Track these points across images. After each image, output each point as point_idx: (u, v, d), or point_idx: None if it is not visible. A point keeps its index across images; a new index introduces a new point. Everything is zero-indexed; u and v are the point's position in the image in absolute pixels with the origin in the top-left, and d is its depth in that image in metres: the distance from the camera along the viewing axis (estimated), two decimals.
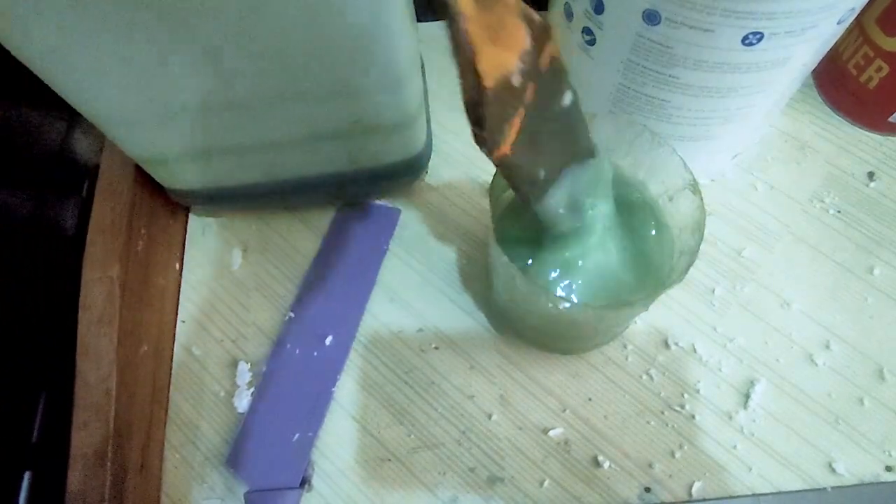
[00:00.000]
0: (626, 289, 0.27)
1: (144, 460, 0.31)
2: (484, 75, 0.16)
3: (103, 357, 0.29)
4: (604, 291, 0.27)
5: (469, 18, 0.15)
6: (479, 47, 0.16)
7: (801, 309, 0.34)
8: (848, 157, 0.38)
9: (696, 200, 0.25)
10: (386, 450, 0.32)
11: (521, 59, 0.18)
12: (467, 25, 0.15)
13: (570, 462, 0.31)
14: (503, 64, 0.17)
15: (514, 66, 0.17)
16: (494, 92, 0.17)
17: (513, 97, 0.18)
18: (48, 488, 0.32)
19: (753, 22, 0.25)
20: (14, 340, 0.34)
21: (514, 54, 0.17)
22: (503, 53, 0.17)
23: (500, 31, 0.17)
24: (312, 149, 0.32)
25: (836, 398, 0.32)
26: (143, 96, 0.26)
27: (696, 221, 0.25)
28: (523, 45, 0.18)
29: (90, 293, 0.30)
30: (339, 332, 0.34)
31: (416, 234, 0.37)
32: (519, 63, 0.18)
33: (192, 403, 0.34)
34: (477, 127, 0.18)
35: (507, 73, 0.17)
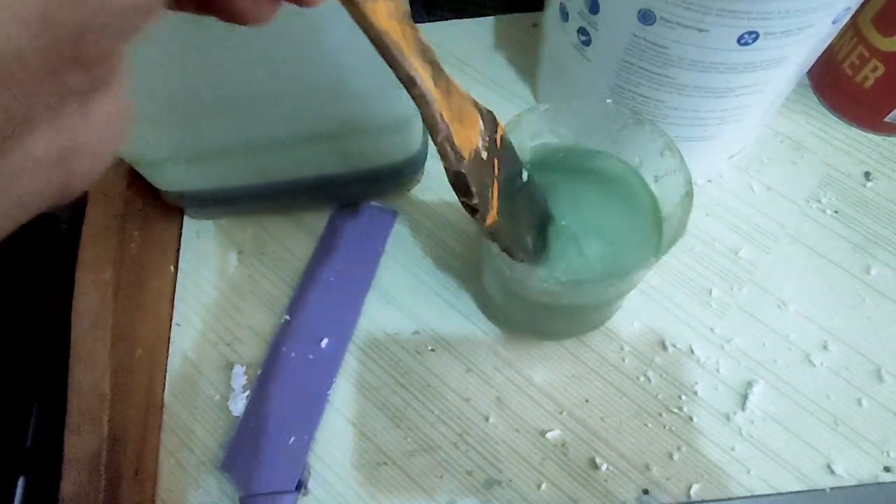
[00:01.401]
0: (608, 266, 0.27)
1: (139, 465, 0.31)
2: (461, 149, 0.19)
3: (97, 361, 0.29)
4: (586, 269, 0.27)
5: (439, 102, 0.18)
6: (453, 126, 0.18)
7: (798, 310, 0.34)
8: (844, 158, 0.38)
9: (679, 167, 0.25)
10: (382, 453, 0.32)
11: (481, 136, 0.20)
12: (439, 108, 0.18)
13: (567, 464, 0.31)
14: (470, 140, 0.19)
15: (478, 143, 0.20)
16: (471, 164, 0.19)
17: (485, 168, 0.20)
18: (42, 493, 0.32)
19: (749, 21, 0.25)
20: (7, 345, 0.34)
21: (475, 133, 0.20)
22: (468, 132, 0.19)
23: (462, 114, 0.19)
24: (307, 151, 0.32)
25: (835, 399, 0.32)
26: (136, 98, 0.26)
27: (682, 195, 0.25)
28: (480, 127, 0.20)
29: (83, 297, 0.30)
30: (335, 335, 0.34)
31: (411, 236, 0.37)
32: (480, 140, 0.20)
33: (187, 407, 0.33)
34: (466, 197, 0.20)
35: (476, 149, 0.20)
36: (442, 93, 0.18)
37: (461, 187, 0.19)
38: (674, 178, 0.26)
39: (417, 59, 0.17)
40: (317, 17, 0.24)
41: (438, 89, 0.18)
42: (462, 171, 0.19)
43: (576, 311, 0.30)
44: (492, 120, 0.21)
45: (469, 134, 0.19)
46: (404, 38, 0.16)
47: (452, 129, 0.18)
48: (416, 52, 0.17)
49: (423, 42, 0.17)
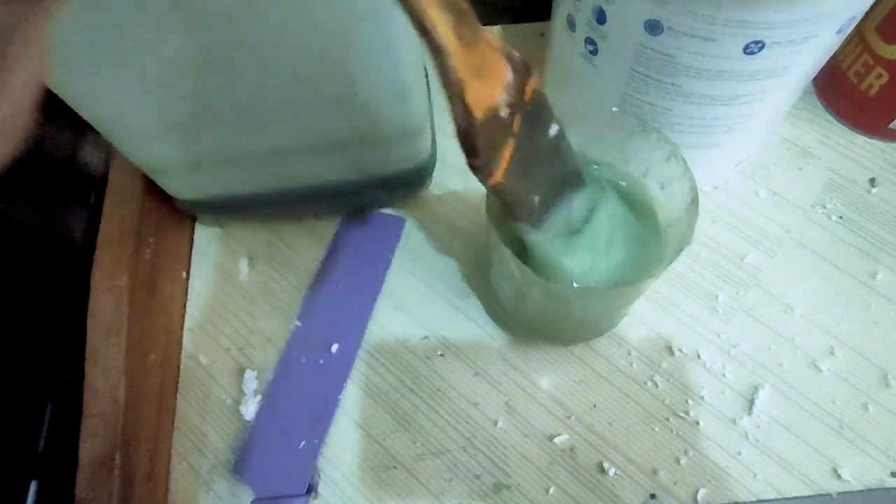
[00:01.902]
0: (618, 272, 0.27)
1: (152, 468, 0.31)
2: (473, 107, 0.18)
3: (112, 366, 0.30)
4: (594, 276, 0.27)
5: (455, 55, 0.16)
6: (467, 81, 0.17)
7: (804, 315, 0.34)
8: (849, 164, 0.39)
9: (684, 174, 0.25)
10: (392, 457, 0.32)
11: (506, 91, 0.19)
12: (453, 62, 0.16)
13: (575, 469, 0.32)
14: (489, 96, 0.18)
15: (499, 99, 0.19)
16: (483, 122, 0.18)
17: (501, 127, 0.19)
18: (54, 497, 0.32)
19: (754, 31, 0.25)
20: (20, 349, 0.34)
21: (498, 88, 0.19)
22: (488, 87, 0.18)
23: (484, 67, 0.18)
24: (318, 158, 0.32)
25: (841, 404, 0.32)
26: (151, 107, 0.27)
27: (688, 202, 0.25)
28: (506, 80, 0.19)
29: (99, 303, 0.30)
30: (345, 341, 0.34)
31: (420, 242, 0.37)
32: (504, 96, 0.19)
33: (199, 411, 0.34)
34: (471, 155, 0.19)
35: (494, 105, 0.19)
36: (463, 44, 0.17)
37: (467, 147, 0.19)
38: (679, 185, 0.26)
39: (436, 8, 0.15)
40: (331, 28, 0.24)
41: (460, 41, 0.16)
42: (469, 131, 0.18)
43: (583, 317, 0.30)
44: (524, 71, 0.20)
45: (490, 89, 0.18)
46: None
47: (468, 84, 0.17)
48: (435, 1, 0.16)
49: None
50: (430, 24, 0.15)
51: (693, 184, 0.26)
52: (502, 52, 0.19)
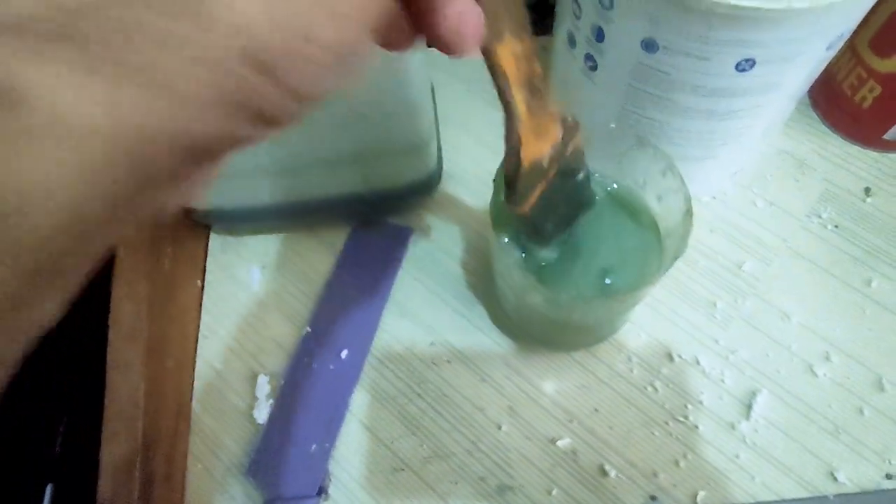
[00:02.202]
0: (615, 283, 0.29)
1: (169, 470, 0.33)
2: (524, 159, 0.22)
3: (132, 371, 0.31)
4: (594, 286, 0.28)
5: (522, 121, 0.20)
6: (526, 141, 0.21)
7: (800, 321, 0.35)
8: (845, 174, 0.40)
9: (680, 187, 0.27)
10: (399, 460, 0.33)
11: (553, 147, 0.23)
12: (519, 125, 0.20)
13: (577, 471, 0.32)
14: (540, 151, 0.22)
15: (546, 154, 0.23)
16: (527, 171, 0.22)
17: (539, 174, 0.23)
18: (71, 500, 0.33)
19: (745, 49, 0.26)
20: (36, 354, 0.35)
21: (548, 145, 0.23)
22: (540, 145, 0.22)
23: (542, 131, 0.22)
24: (329, 172, 0.33)
25: (837, 408, 0.33)
26: None
27: (683, 212, 0.26)
28: (556, 139, 0.23)
29: (119, 310, 0.32)
30: (355, 347, 0.36)
31: (427, 251, 0.39)
32: (550, 151, 0.23)
33: (214, 415, 0.35)
34: (510, 192, 0.23)
35: (540, 158, 0.23)
36: (531, 112, 0.21)
37: (509, 187, 0.23)
38: (675, 197, 0.27)
39: (519, 88, 0.19)
40: None
41: (529, 112, 0.20)
42: (514, 176, 0.22)
43: (584, 323, 0.31)
44: (574, 130, 0.24)
45: (540, 146, 0.22)
46: (517, 70, 0.19)
47: (526, 142, 0.21)
48: (520, 82, 0.19)
49: (535, 72, 0.20)
50: (511, 100, 0.20)
51: (688, 196, 0.27)
52: (560, 117, 0.23)
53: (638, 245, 0.29)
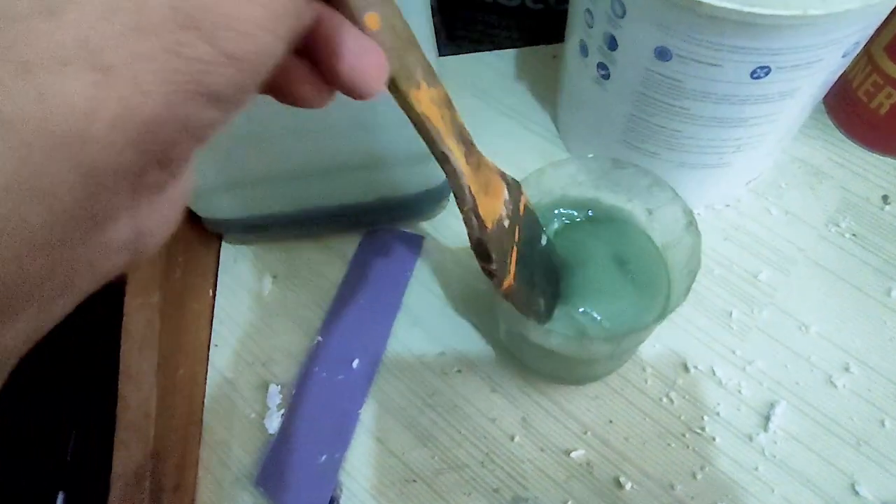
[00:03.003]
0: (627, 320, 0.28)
1: (179, 480, 0.32)
2: (485, 218, 0.21)
3: (144, 380, 0.31)
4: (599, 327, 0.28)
5: (467, 176, 0.20)
6: (478, 198, 0.20)
7: (819, 332, 0.35)
8: (862, 182, 0.39)
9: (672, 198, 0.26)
10: (411, 471, 0.33)
11: (505, 205, 0.22)
12: (467, 182, 0.20)
13: (592, 483, 0.32)
14: (495, 210, 0.21)
15: (502, 212, 0.22)
16: (493, 231, 0.21)
17: (506, 235, 0.22)
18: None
19: (760, 57, 0.26)
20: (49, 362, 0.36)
21: (500, 202, 0.22)
22: (493, 202, 0.21)
23: (489, 186, 0.21)
24: (339, 181, 0.33)
25: (857, 420, 0.32)
26: None
27: (683, 225, 0.26)
28: (504, 196, 0.22)
29: (132, 319, 0.32)
30: (365, 356, 0.35)
31: (438, 260, 0.38)
32: (504, 209, 0.22)
33: (225, 425, 0.35)
34: (485, 262, 0.22)
35: (499, 217, 0.22)
36: (472, 168, 0.20)
37: (482, 254, 0.21)
38: (670, 210, 0.27)
39: (452, 139, 0.19)
40: None
41: (469, 165, 0.20)
42: (483, 239, 0.21)
43: (591, 361, 0.31)
44: (517, 189, 0.23)
45: (494, 203, 0.21)
46: (442, 120, 0.18)
47: (479, 199, 0.20)
48: (451, 133, 0.19)
49: (459, 123, 0.19)
50: (448, 152, 0.19)
51: (686, 207, 0.26)
52: (498, 173, 0.22)
53: (644, 283, 0.29)
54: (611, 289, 0.28)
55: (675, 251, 0.28)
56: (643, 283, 0.29)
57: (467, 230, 0.21)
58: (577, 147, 0.40)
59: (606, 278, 0.28)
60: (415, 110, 0.17)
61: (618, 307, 0.28)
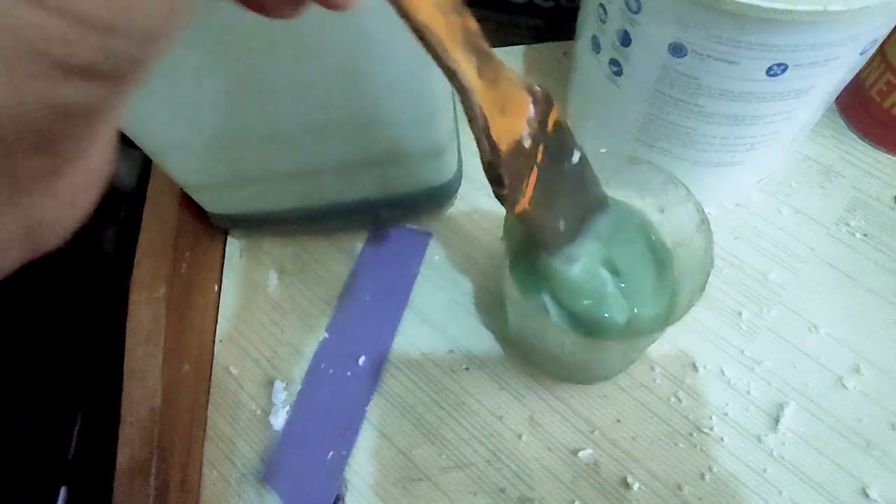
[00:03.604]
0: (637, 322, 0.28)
1: (184, 476, 0.32)
2: (498, 141, 0.19)
3: (149, 376, 0.31)
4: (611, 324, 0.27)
5: (479, 94, 0.17)
6: (491, 117, 0.18)
7: (828, 332, 0.34)
8: (873, 181, 0.39)
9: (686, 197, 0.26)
10: (417, 469, 0.33)
11: (529, 124, 0.20)
12: (478, 100, 0.17)
13: (599, 483, 0.32)
14: (513, 130, 0.19)
15: (522, 131, 0.20)
16: (508, 155, 0.19)
17: (525, 158, 0.20)
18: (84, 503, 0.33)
19: (777, 54, 0.26)
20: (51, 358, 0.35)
21: (521, 121, 0.20)
22: (512, 121, 0.19)
23: (508, 103, 0.19)
24: (347, 177, 0.33)
25: (867, 422, 0.32)
26: (195, 131, 0.28)
27: (696, 224, 0.25)
28: (529, 113, 0.20)
29: (137, 314, 0.31)
30: (372, 353, 0.35)
31: (446, 257, 0.38)
32: (527, 128, 0.20)
33: (230, 421, 0.35)
34: (497, 186, 0.20)
35: (518, 138, 0.20)
36: (487, 82, 0.18)
37: (493, 178, 0.19)
38: (683, 209, 0.27)
39: (460, 51, 0.16)
40: (362, 52, 0.25)
41: (483, 79, 0.17)
42: (494, 163, 0.19)
43: (601, 360, 0.30)
44: (546, 103, 0.21)
45: (513, 122, 0.19)
46: (448, 28, 0.16)
47: (493, 120, 0.18)
48: (459, 43, 0.16)
49: (471, 30, 0.17)
50: (455, 66, 0.16)
51: (699, 206, 0.26)
52: (524, 86, 0.20)
53: (651, 261, 0.28)
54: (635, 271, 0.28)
55: (687, 250, 0.27)
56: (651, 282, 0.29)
57: (479, 151, 0.19)
58: (587, 144, 0.39)
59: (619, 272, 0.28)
60: (414, 18, 0.15)
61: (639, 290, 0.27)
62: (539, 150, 0.21)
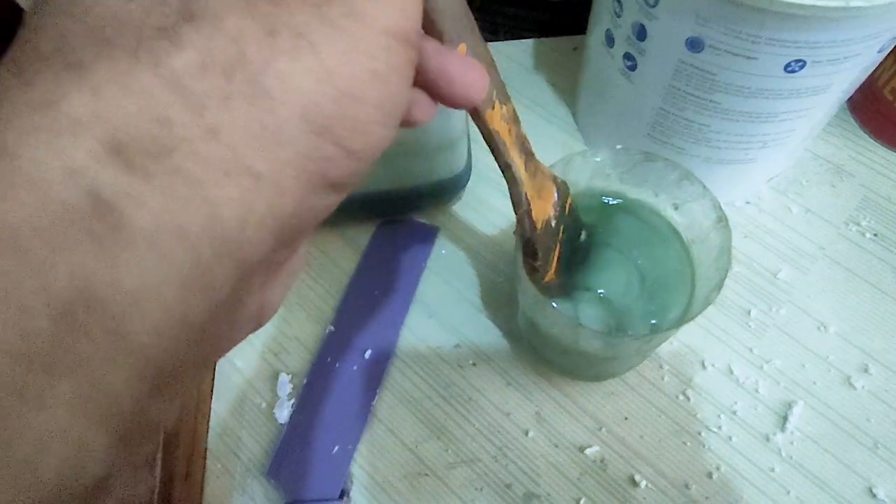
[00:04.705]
0: (650, 319, 0.27)
1: (189, 469, 0.32)
2: (536, 221, 0.22)
3: None
4: (626, 321, 0.27)
5: (525, 184, 0.21)
6: (533, 202, 0.22)
7: (837, 332, 0.34)
8: (884, 181, 0.38)
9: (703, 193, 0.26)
10: (423, 464, 0.33)
11: (554, 207, 0.24)
12: (524, 189, 0.21)
13: (606, 481, 0.32)
14: (545, 211, 0.23)
15: (551, 213, 0.23)
16: (541, 232, 0.23)
17: (551, 234, 0.24)
18: None
19: (797, 50, 0.25)
20: None
21: (550, 205, 0.23)
22: (545, 204, 0.23)
23: (542, 190, 0.22)
24: None
25: (876, 422, 0.32)
26: None
27: (713, 220, 0.25)
28: (554, 198, 0.23)
29: None
30: (379, 347, 0.35)
31: (454, 251, 0.38)
32: (553, 210, 0.23)
33: (235, 414, 0.34)
34: (531, 259, 0.23)
35: (548, 218, 0.23)
36: (530, 175, 0.21)
37: (530, 252, 0.23)
38: (699, 205, 0.27)
39: (516, 150, 0.20)
40: None
41: (527, 172, 0.21)
42: (533, 240, 0.22)
43: (612, 358, 0.30)
44: (565, 191, 0.25)
45: (545, 206, 0.23)
46: (509, 134, 0.20)
47: (532, 203, 0.22)
48: (515, 145, 0.20)
49: (522, 136, 0.20)
50: (511, 162, 0.20)
51: (715, 202, 0.26)
52: (551, 177, 0.23)
53: (664, 260, 0.28)
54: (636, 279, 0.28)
55: (703, 247, 0.27)
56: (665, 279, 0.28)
57: (518, 229, 0.22)
58: (598, 140, 0.39)
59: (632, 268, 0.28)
60: (488, 127, 0.18)
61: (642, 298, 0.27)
62: (561, 229, 0.25)
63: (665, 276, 0.28)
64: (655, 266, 0.28)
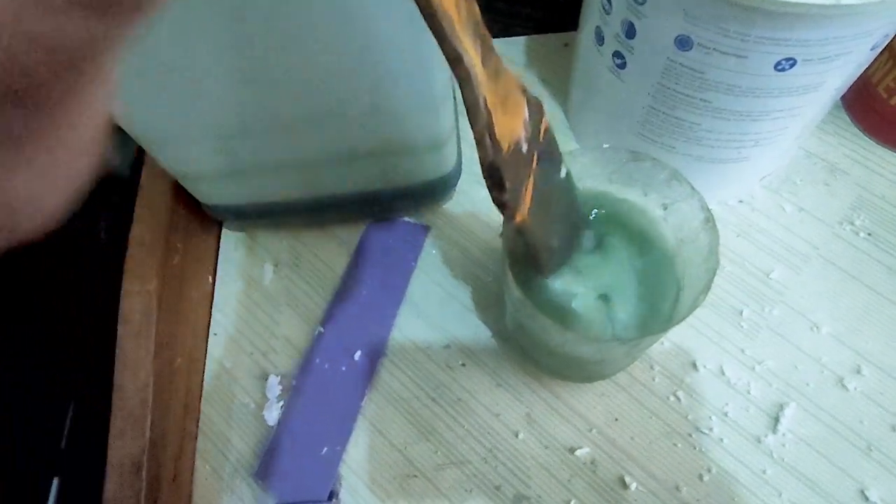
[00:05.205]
0: (639, 322, 0.27)
1: (177, 470, 0.32)
2: (500, 140, 0.17)
3: (140, 368, 0.30)
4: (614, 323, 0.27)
5: (484, 85, 0.16)
6: (495, 113, 0.17)
7: (830, 332, 0.34)
8: (879, 180, 0.38)
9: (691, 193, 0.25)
10: (412, 466, 0.32)
11: (524, 127, 0.19)
12: (483, 91, 0.16)
13: (596, 482, 0.31)
14: (513, 130, 0.18)
15: (521, 134, 0.18)
16: (509, 156, 0.18)
17: (523, 163, 0.19)
18: (75, 495, 0.33)
19: (787, 48, 0.25)
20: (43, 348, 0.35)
21: (519, 122, 0.18)
22: (511, 121, 0.18)
23: (507, 101, 0.17)
24: (346, 168, 0.32)
25: (868, 424, 0.32)
26: (188, 118, 0.27)
27: (700, 221, 0.25)
28: (524, 116, 0.19)
29: (129, 306, 0.31)
30: (368, 348, 0.35)
31: (443, 251, 0.38)
32: (524, 131, 0.18)
33: (223, 415, 0.34)
34: (497, 190, 0.18)
35: (517, 140, 0.18)
36: (489, 75, 0.16)
37: (495, 181, 0.18)
38: (687, 205, 0.26)
39: (468, 35, 0.15)
40: (366, 45, 0.24)
41: (486, 70, 0.16)
42: (497, 164, 0.17)
43: (602, 360, 0.30)
44: (538, 110, 0.20)
45: (512, 123, 0.18)
46: (457, 9, 0.15)
47: (494, 116, 0.17)
48: (466, 27, 0.15)
49: (476, 17, 0.15)
50: (462, 49, 0.15)
51: (703, 202, 0.25)
52: (519, 86, 0.19)
53: (649, 261, 0.28)
54: (625, 281, 0.27)
55: (691, 248, 0.27)
56: (654, 281, 0.28)
57: (479, 152, 0.17)
58: (589, 139, 0.39)
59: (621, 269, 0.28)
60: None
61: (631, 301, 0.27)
62: (534, 157, 0.20)
63: (654, 278, 0.28)
64: (644, 267, 0.28)
